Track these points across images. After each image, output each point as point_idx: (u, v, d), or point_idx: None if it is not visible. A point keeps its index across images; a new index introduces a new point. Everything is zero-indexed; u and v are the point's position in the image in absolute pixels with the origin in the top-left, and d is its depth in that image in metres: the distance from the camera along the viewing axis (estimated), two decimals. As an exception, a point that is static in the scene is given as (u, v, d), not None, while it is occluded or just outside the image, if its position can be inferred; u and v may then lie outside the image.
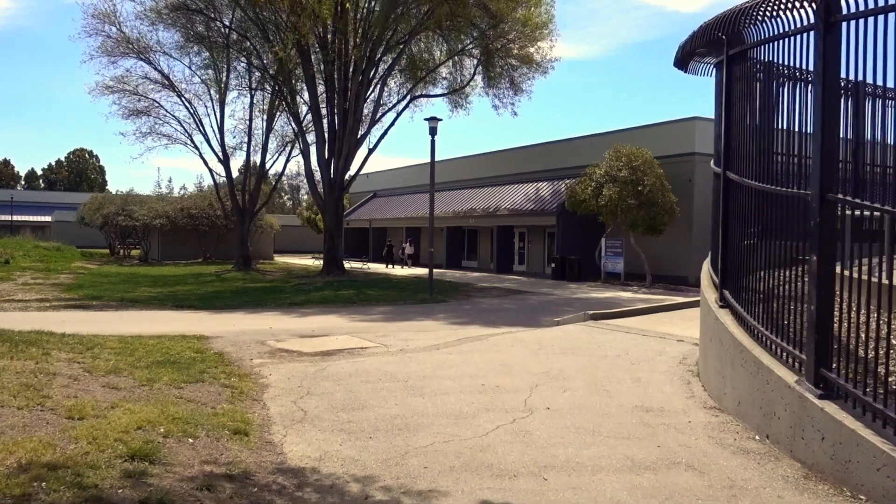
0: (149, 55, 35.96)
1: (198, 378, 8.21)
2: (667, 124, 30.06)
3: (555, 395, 7.86)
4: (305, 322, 15.96)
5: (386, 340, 12.59)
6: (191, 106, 37.76)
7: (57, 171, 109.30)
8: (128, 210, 44.33)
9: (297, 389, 8.11)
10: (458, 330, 14.37)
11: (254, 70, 34.77)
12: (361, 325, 15.25)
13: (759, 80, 6.72)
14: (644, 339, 12.00)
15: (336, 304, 20.13)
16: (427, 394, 7.88)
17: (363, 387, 8.24)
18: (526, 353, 10.79)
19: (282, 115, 38.51)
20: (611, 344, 11.49)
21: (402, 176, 50.55)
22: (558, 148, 36.25)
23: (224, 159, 38.54)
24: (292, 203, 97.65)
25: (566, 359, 10.19)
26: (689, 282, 28.20)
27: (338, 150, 31.21)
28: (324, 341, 12.53)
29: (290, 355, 10.93)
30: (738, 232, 7.16)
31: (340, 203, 32.80)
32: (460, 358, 10.42)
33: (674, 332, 12.56)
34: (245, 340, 12.43)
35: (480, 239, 41.07)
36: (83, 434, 5.22)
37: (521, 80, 33.25)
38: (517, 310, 19.08)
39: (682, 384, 8.38)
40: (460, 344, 11.95)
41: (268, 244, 50.74)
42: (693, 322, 13.85)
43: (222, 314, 17.61)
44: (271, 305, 19.55)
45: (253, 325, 15.01)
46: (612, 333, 12.63)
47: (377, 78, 32.50)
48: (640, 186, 26.04)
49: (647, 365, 9.63)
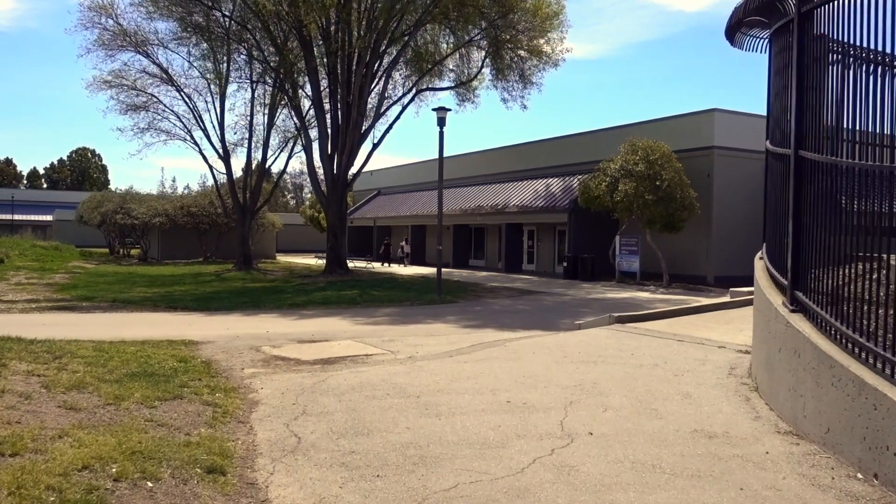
0: (146, 48, 34.91)
1: (176, 394, 7.03)
2: (684, 117, 28.81)
3: (594, 414, 6.67)
4: (305, 325, 14.80)
5: (393, 346, 11.42)
6: (190, 101, 36.71)
7: (59, 171, 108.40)
8: (126, 208, 43.25)
9: (292, 407, 6.94)
10: (472, 334, 13.18)
11: (254, 62, 33.60)
12: (366, 329, 14.08)
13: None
14: (680, 345, 10.80)
15: (339, 305, 18.96)
16: (444, 413, 6.70)
17: (368, 404, 7.07)
18: (550, 362, 9.60)
19: (284, 110, 37.45)
20: (644, 351, 10.29)
21: (407, 173, 49.36)
22: (569, 143, 35.01)
23: (224, 156, 37.42)
24: (296, 202, 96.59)
25: (597, 369, 9.00)
26: (708, 281, 26.98)
27: (341, 145, 30.05)
28: (324, 347, 11.36)
29: (287, 364, 9.76)
30: (822, 223, 5.94)
31: (344, 200, 31.63)
32: (478, 367, 9.23)
33: (711, 337, 11.35)
34: (238, 346, 11.27)
35: (488, 237, 39.87)
36: (6, 480, 4.04)
37: (530, 73, 31.98)
38: (532, 311, 17.89)
39: (741, 401, 7.18)
40: (475, 350, 10.77)
41: (270, 243, 49.63)
42: (730, 325, 12.67)
43: (217, 316, 16.45)
44: (270, 307, 18.39)
45: (249, 329, 13.85)
46: (643, 338, 11.43)
47: (381, 70, 31.33)
48: (658, 181, 24.81)
49: (691, 377, 8.43)
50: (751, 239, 29.09)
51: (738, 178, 27.86)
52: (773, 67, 8.02)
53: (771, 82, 8.58)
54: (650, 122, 29.98)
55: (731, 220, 27.56)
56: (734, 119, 27.95)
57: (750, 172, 28.30)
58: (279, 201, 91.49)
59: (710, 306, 14.38)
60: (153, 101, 37.22)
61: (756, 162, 29.40)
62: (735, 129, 27.84)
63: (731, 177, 27.63)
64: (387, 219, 46.39)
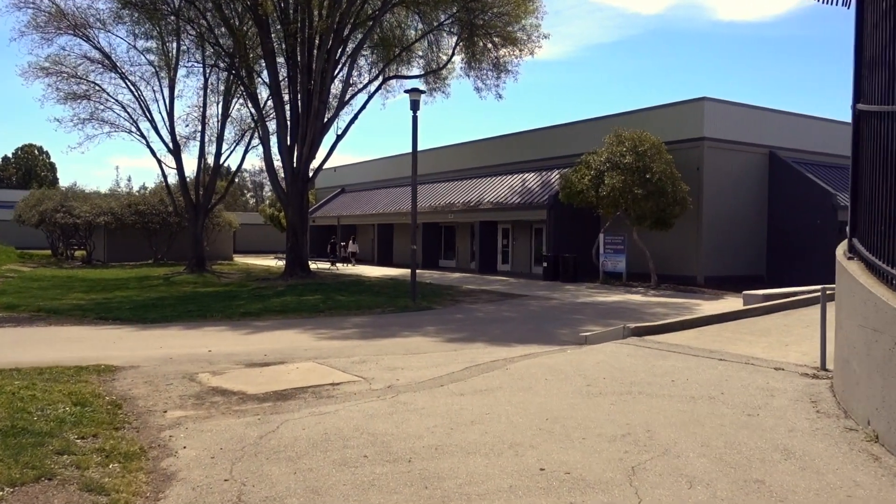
0: (87, 31, 31.88)
1: (45, 470, 4.66)
2: (671, 106, 26.93)
3: (679, 494, 4.48)
4: (258, 341, 12.39)
5: (366, 370, 9.12)
6: (136, 89, 33.69)
7: (3, 169, 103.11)
8: (67, 206, 39.93)
9: (222, 488, 4.62)
10: (460, 351, 10.94)
11: (206, 45, 30.74)
12: (331, 345, 11.74)
13: None
14: (724, 366, 8.70)
15: (299, 313, 16.53)
16: (453, 496, 4.45)
17: (338, 477, 4.79)
18: (572, 393, 7.43)
19: (240, 100, 34.73)
20: (684, 375, 8.17)
21: (374, 169, 46.88)
22: (547, 136, 32.95)
23: (174, 149, 34.54)
24: (256, 201, 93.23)
25: (640, 405, 6.85)
26: (698, 282, 25.17)
27: (301, 135, 27.52)
28: (279, 373, 9.01)
29: (227, 401, 7.40)
30: None
31: (305, 196, 29.06)
32: (481, 404, 7.01)
33: (756, 355, 9.30)
34: (168, 373, 8.87)
35: (459, 236, 37.64)
36: None
37: (506, 59, 29.82)
38: (521, 319, 15.71)
39: (868, 461, 5.08)
40: (472, 376, 8.53)
41: (227, 244, 46.70)
42: (769, 338, 10.63)
43: (153, 330, 13.92)
44: (218, 317, 15.87)
45: (187, 347, 11.40)
46: (674, 357, 9.32)
47: (345, 56, 28.87)
48: (648, 174, 22.86)
49: (771, 418, 6.32)
50: (743, 237, 27.49)
51: (729, 171, 26.13)
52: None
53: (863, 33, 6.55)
54: (634, 112, 28.06)
55: (722, 216, 25.81)
56: (725, 109, 26.21)
57: (742, 166, 26.61)
58: (238, 200, 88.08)
59: (732, 314, 12.37)
60: (96, 90, 34.24)
61: (749, 155, 27.80)
62: (726, 119, 26.10)
63: (721, 170, 25.88)
64: (352, 217, 43.87)
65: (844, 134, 30.90)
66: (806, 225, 25.46)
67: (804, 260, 25.28)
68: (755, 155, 26.90)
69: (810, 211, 25.33)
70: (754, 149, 26.80)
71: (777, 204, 26.85)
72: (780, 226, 26.65)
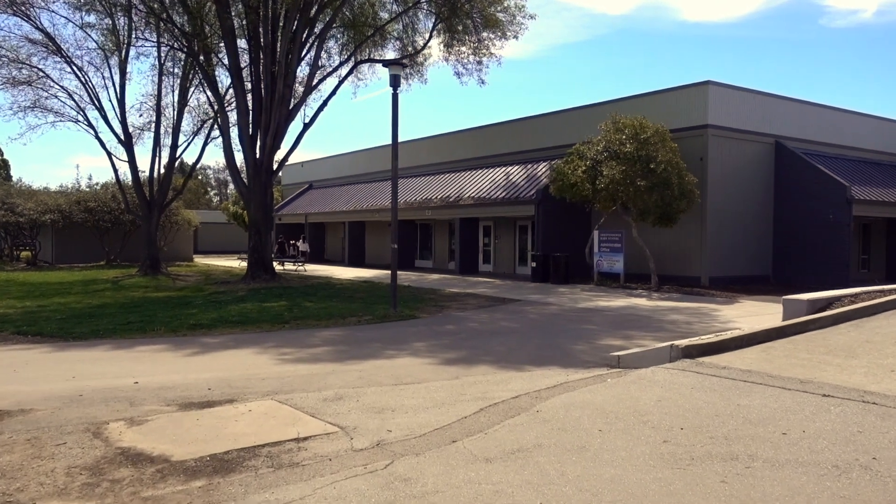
0: (27, 9, 28.74)
1: None
2: (672, 91, 24.72)
3: None
4: (203, 365, 9.80)
5: (344, 412, 6.63)
6: (83, 73, 30.62)
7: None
8: (10, 204, 36.66)
9: None
10: (464, 379, 8.48)
11: (161, 23, 27.72)
12: (297, 371, 9.21)
13: None
14: (840, 407, 6.38)
15: (259, 325, 13.92)
16: None
17: None
18: (650, 457, 5.05)
19: (198, 87, 31.83)
20: (797, 425, 5.83)
21: (344, 164, 44.16)
22: (533, 125, 30.58)
23: (126, 140, 31.54)
24: (220, 198, 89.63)
25: (765, 483, 4.49)
26: (703, 283, 23.04)
27: (265, 123, 24.84)
28: (223, 419, 6.48)
29: (137, 478, 4.88)
30: None
31: (269, 190, 26.35)
32: (521, 481, 4.60)
33: (867, 387, 7.01)
34: (67, 422, 6.31)
35: (437, 235, 35.18)
36: None
37: (488, 42, 27.38)
38: (523, 331, 13.31)
39: None
40: (493, 425, 6.10)
41: (186, 243, 43.64)
42: (859, 360, 8.15)
43: (74, 350, 11.23)
44: (162, 330, 13.18)
45: (109, 377, 8.79)
46: (761, 392, 6.99)
47: (314, 36, 26.23)
48: (653, 164, 20.64)
49: None
50: (748, 234, 25.27)
51: (734, 162, 24.04)
52: None
53: None
54: (632, 97, 25.81)
55: (727, 212, 23.71)
56: (731, 94, 24.12)
57: (747, 156, 24.51)
58: (202, 199, 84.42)
59: (792, 327, 10.10)
60: (39, 76, 31.09)
61: (755, 145, 25.64)
62: (732, 105, 24.00)
63: (727, 161, 23.78)
64: (320, 214, 41.12)
65: (854, 124, 28.91)
66: (817, 220, 23.45)
67: (815, 259, 23.29)
68: (761, 145, 24.83)
69: (822, 205, 23.31)
70: (760, 138, 24.74)
71: (785, 198, 24.81)
72: (788, 221, 24.61)
